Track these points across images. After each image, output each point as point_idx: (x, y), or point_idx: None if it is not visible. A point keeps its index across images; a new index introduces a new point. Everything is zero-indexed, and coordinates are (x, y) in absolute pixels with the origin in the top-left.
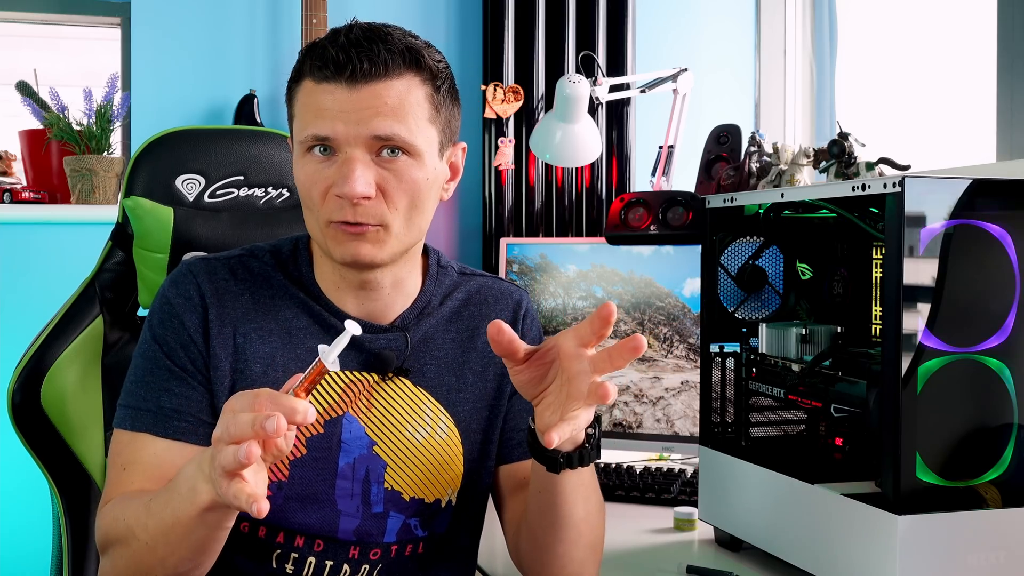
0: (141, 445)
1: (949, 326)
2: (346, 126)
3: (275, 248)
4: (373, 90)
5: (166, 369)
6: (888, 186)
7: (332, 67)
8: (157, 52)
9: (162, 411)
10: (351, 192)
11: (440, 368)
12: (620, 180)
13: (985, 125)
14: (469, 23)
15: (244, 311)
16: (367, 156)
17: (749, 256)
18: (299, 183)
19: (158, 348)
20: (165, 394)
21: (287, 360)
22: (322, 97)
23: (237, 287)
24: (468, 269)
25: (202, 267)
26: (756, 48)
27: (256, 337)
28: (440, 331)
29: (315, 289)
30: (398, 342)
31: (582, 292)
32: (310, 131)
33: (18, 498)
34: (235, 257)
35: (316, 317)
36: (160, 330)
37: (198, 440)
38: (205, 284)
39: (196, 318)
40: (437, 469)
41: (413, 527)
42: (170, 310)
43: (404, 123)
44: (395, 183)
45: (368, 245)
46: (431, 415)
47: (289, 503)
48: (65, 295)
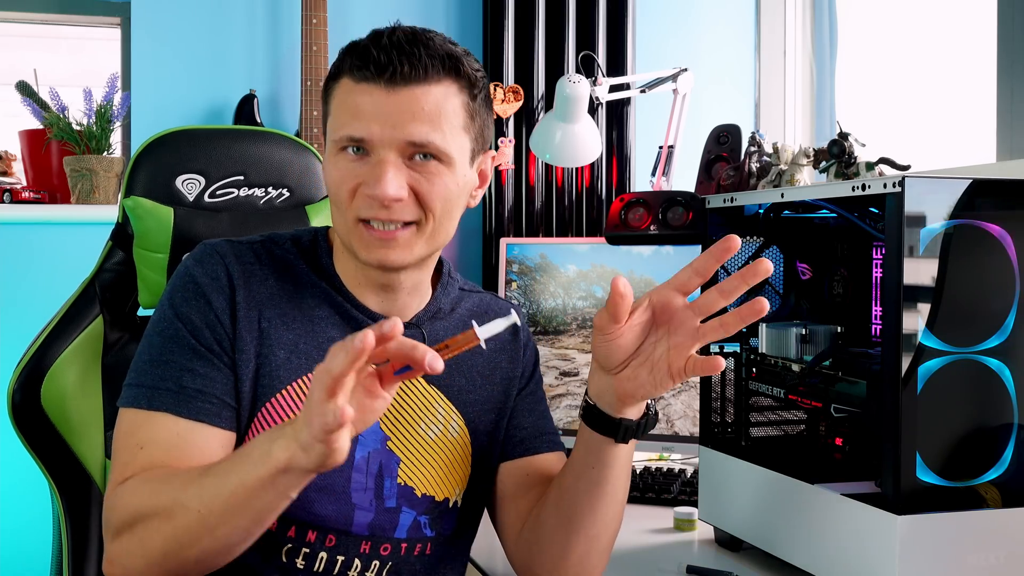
0: (161, 424)
1: (949, 326)
2: (381, 129)
3: (296, 237)
4: (411, 94)
5: (189, 348)
6: (888, 186)
7: (372, 67)
8: (157, 52)
9: (184, 391)
10: (382, 194)
11: (451, 368)
12: (620, 180)
13: (985, 125)
14: (469, 23)
15: (269, 295)
16: (399, 159)
17: (749, 256)
18: (330, 180)
19: (181, 326)
20: (188, 374)
21: (309, 348)
22: (360, 98)
23: (262, 271)
24: (468, 285)
25: (228, 248)
26: (756, 48)
27: (280, 323)
28: (450, 333)
29: (336, 281)
30: (415, 339)
31: (582, 292)
32: (345, 132)
33: (18, 498)
34: (258, 242)
35: (338, 308)
36: (184, 308)
37: (221, 423)
38: (233, 265)
39: (223, 299)
40: (448, 467)
41: (423, 525)
42: (196, 288)
43: (439, 130)
44: (427, 186)
45: (396, 250)
46: (443, 413)
47: (307, 492)
48: (65, 295)
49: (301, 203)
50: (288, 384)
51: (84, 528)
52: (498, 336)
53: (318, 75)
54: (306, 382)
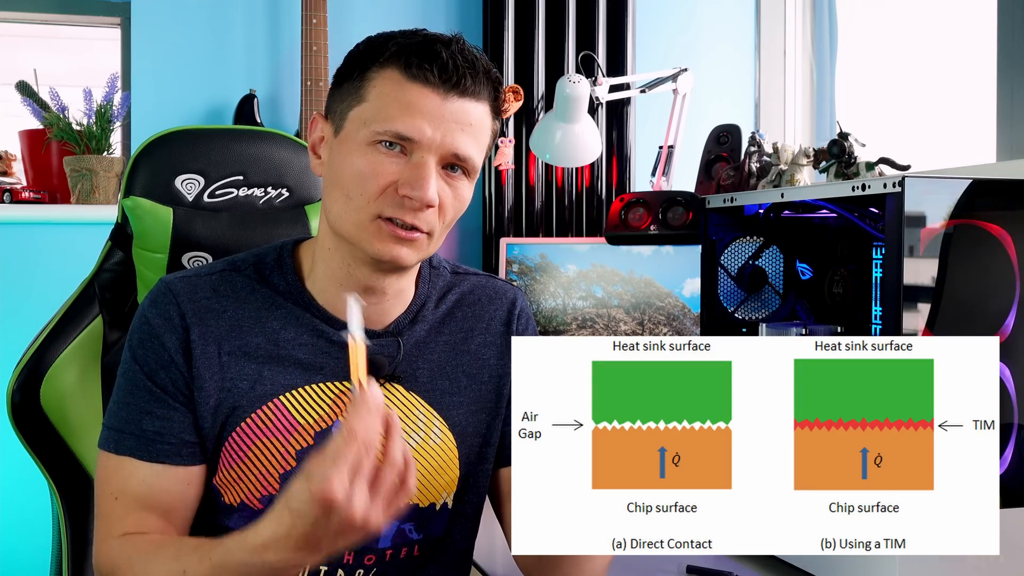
0: (129, 472)
1: (949, 326)
2: (432, 132)
3: (258, 258)
4: (463, 106)
5: (146, 390)
6: (888, 186)
7: (437, 71)
8: (157, 52)
9: (144, 434)
10: (423, 197)
11: (433, 372)
12: (620, 180)
13: (985, 125)
14: (469, 23)
15: (228, 328)
16: (437, 166)
17: (749, 256)
18: (354, 171)
19: (138, 369)
20: (147, 416)
21: (275, 374)
22: (413, 96)
23: (220, 304)
24: (461, 268)
25: (182, 286)
26: (756, 48)
27: (241, 354)
28: (432, 335)
29: (305, 297)
30: (391, 348)
31: (582, 292)
32: (392, 126)
33: (18, 498)
34: (216, 273)
35: (306, 325)
36: (140, 351)
37: (181, 460)
38: (186, 303)
39: (176, 339)
40: (431, 475)
41: (408, 531)
42: (149, 330)
43: (478, 147)
44: (451, 198)
45: (409, 250)
46: (424, 421)
47: None
48: (65, 295)
49: (301, 203)
50: (252, 412)
51: (84, 528)
52: (487, 326)
53: (318, 75)
54: (271, 407)
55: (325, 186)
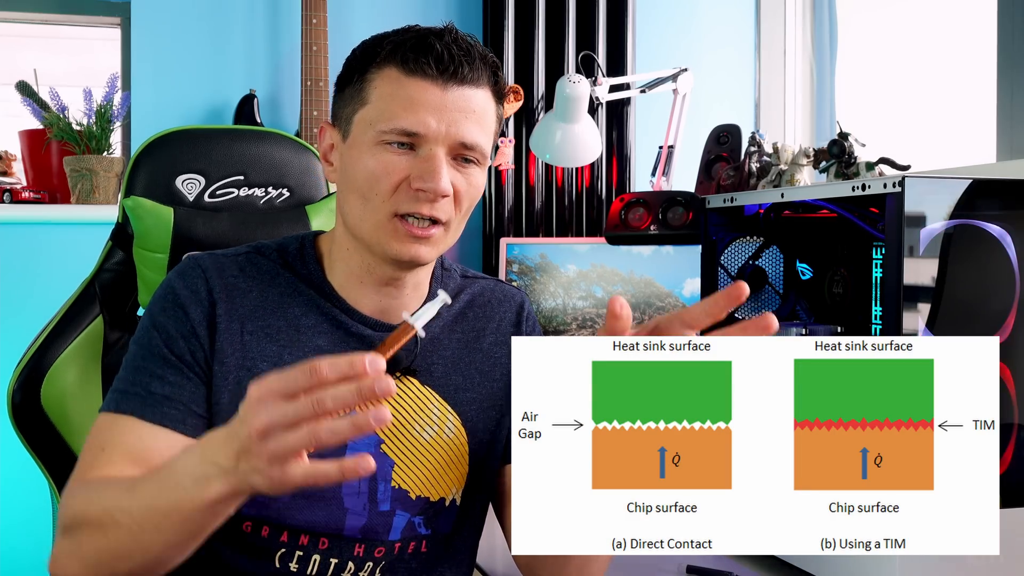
0: (125, 427)
1: (949, 326)
2: (437, 124)
3: (281, 246)
4: (463, 94)
5: (161, 357)
6: (888, 186)
7: (433, 63)
8: (157, 52)
9: (151, 396)
10: (436, 188)
11: (447, 368)
12: (620, 180)
13: (985, 125)
14: (469, 23)
15: (252, 308)
16: (447, 157)
17: (749, 256)
18: (366, 172)
19: (156, 335)
20: (157, 380)
21: (295, 358)
22: (413, 91)
23: (246, 283)
24: (470, 272)
25: (211, 262)
26: (756, 48)
27: (264, 335)
28: (446, 332)
29: (326, 287)
30: (409, 341)
31: (582, 292)
32: (397, 124)
33: (18, 498)
34: (243, 254)
35: (327, 314)
36: (161, 318)
37: (185, 430)
38: (214, 279)
39: (202, 311)
40: (443, 468)
41: (417, 525)
42: (175, 299)
43: (485, 133)
44: (465, 187)
45: (427, 248)
46: (438, 414)
47: (296, 500)
48: (65, 295)
49: (301, 203)
50: None
51: None
52: (497, 326)
53: (318, 75)
54: None
55: (340, 191)
